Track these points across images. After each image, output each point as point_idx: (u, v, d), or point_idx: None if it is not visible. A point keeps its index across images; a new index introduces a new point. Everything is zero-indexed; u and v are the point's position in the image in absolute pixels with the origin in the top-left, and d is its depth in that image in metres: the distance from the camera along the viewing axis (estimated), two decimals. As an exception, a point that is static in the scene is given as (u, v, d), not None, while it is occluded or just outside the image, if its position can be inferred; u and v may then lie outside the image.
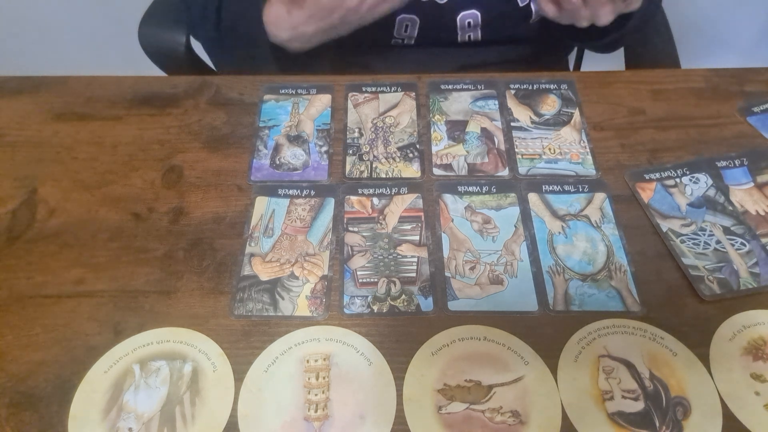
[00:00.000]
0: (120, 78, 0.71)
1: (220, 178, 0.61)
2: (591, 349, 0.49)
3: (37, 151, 0.64)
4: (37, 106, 0.68)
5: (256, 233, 0.57)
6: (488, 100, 0.68)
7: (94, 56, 1.49)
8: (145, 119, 0.67)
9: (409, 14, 0.74)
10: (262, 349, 0.49)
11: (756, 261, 0.54)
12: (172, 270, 0.54)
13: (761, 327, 0.50)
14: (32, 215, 0.59)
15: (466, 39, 0.78)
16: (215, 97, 0.69)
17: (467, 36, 0.78)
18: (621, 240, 0.56)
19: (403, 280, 0.54)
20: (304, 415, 0.46)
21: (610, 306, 0.52)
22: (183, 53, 0.80)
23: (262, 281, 0.54)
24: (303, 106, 0.68)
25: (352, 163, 0.62)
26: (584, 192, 0.59)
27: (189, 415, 0.46)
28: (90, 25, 1.50)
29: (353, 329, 0.51)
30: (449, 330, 0.50)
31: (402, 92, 0.69)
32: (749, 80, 0.69)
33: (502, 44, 0.80)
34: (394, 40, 0.78)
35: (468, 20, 0.76)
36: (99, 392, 0.47)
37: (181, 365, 0.49)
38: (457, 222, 0.57)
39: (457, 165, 0.62)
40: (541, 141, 0.64)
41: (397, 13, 0.74)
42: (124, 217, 0.58)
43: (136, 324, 0.51)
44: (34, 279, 0.54)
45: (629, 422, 0.45)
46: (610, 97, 0.68)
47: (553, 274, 0.54)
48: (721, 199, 0.58)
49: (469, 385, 0.47)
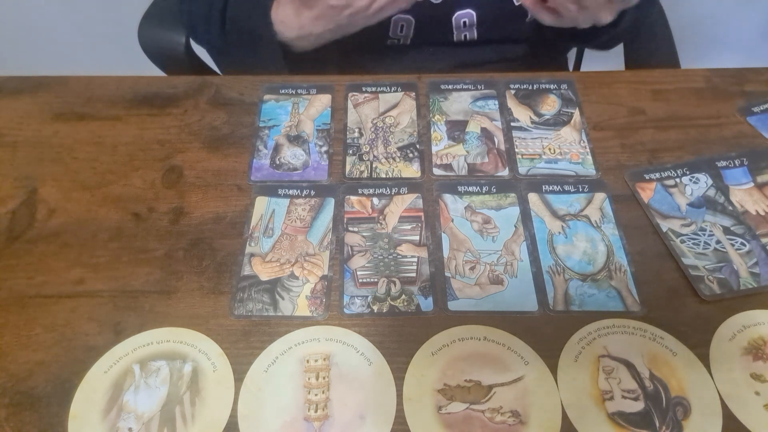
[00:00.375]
0: (120, 78, 0.71)
1: (220, 178, 0.61)
2: (591, 349, 0.49)
3: (37, 151, 0.64)
4: (37, 106, 0.68)
5: (256, 233, 0.57)
6: (488, 100, 0.68)
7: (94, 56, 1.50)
8: (145, 119, 0.67)
9: (404, 14, 0.74)
10: (262, 349, 0.49)
11: (756, 261, 0.54)
12: (172, 270, 0.54)
13: (761, 327, 0.50)
14: (32, 215, 0.59)
15: (462, 38, 0.78)
16: (215, 97, 0.69)
17: (463, 35, 0.78)
18: (621, 240, 0.56)
19: (403, 280, 0.54)
20: (304, 415, 0.46)
21: (610, 306, 0.52)
22: (183, 53, 0.80)
23: (262, 281, 0.54)
24: (303, 106, 0.68)
25: (352, 163, 0.62)
26: (584, 192, 0.59)
27: (189, 415, 0.46)
28: (90, 25, 1.50)
29: (353, 329, 0.51)
30: (449, 330, 0.50)
31: (402, 92, 0.69)
32: (749, 80, 0.69)
33: (499, 43, 0.80)
34: (389, 40, 0.78)
35: (463, 20, 0.76)
36: (99, 392, 0.47)
37: (181, 365, 0.49)
38: (457, 222, 0.57)
39: (457, 165, 0.62)
40: (541, 141, 0.64)
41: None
42: (124, 217, 0.58)
43: (136, 324, 0.51)
44: (34, 279, 0.54)
45: (629, 422, 0.45)
46: (610, 97, 0.68)
47: (553, 274, 0.54)
48: (721, 199, 0.58)
49: (469, 385, 0.47)
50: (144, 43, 0.81)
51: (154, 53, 0.82)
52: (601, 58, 0.85)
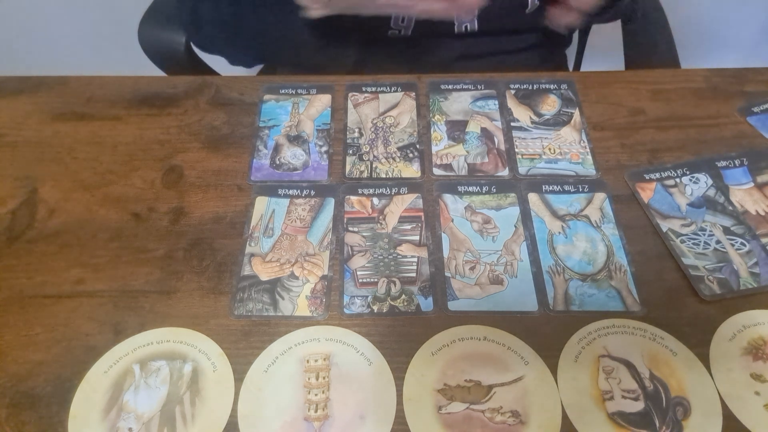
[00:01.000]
0: (120, 78, 0.71)
1: (220, 178, 0.61)
2: (591, 349, 0.49)
3: (37, 151, 0.64)
4: (37, 106, 0.68)
5: (256, 233, 0.57)
6: (488, 100, 0.68)
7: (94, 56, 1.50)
8: (145, 119, 0.67)
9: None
10: (262, 349, 0.49)
11: (756, 261, 0.54)
12: (172, 270, 0.54)
13: (761, 327, 0.50)
14: (32, 215, 0.59)
15: (463, 30, 0.78)
16: (215, 97, 0.69)
17: (464, 26, 0.78)
18: (621, 240, 0.56)
19: (403, 280, 0.54)
20: (304, 415, 0.46)
21: (610, 306, 0.52)
22: (183, 53, 0.80)
23: (262, 281, 0.54)
24: (303, 106, 0.68)
25: (352, 163, 0.62)
26: (584, 192, 0.59)
27: (189, 415, 0.46)
28: (90, 25, 1.50)
29: (353, 329, 0.51)
30: (449, 330, 0.50)
31: (402, 92, 0.69)
32: (749, 80, 0.69)
33: (499, 35, 0.80)
34: (390, 31, 0.78)
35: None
36: (99, 392, 0.47)
37: (181, 365, 0.49)
38: (457, 222, 0.57)
39: (457, 165, 0.62)
40: (541, 141, 0.64)
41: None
42: (124, 217, 0.58)
43: (136, 324, 0.51)
44: (34, 279, 0.54)
45: (629, 422, 0.45)
46: (610, 97, 0.68)
47: (553, 274, 0.54)
48: (721, 199, 0.58)
49: (469, 385, 0.47)
50: (144, 43, 0.81)
51: (154, 53, 0.82)
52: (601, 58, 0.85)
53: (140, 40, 0.81)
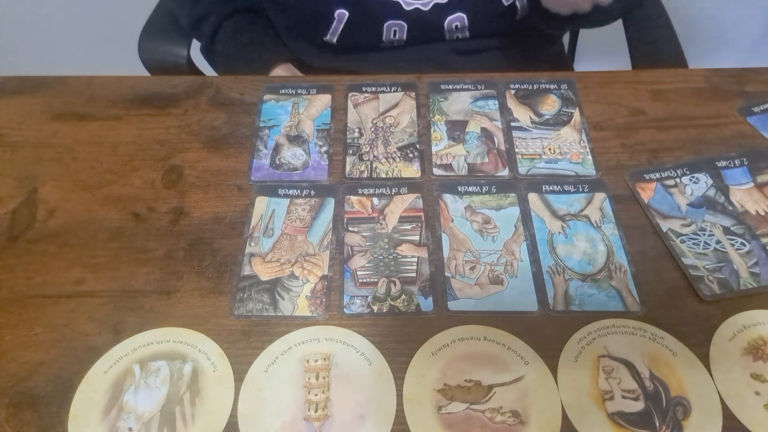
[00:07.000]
0: (120, 78, 0.71)
1: (220, 178, 0.61)
2: (591, 349, 0.49)
3: (37, 151, 0.64)
4: (37, 106, 0.68)
5: (256, 233, 0.57)
6: (488, 100, 0.68)
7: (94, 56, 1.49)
8: (145, 119, 0.67)
9: (396, 20, 0.75)
10: (262, 349, 0.49)
11: (756, 261, 0.54)
12: (172, 270, 0.54)
13: (761, 327, 0.50)
14: (32, 215, 0.59)
15: (455, 39, 0.78)
16: (215, 97, 0.69)
17: (455, 37, 0.78)
18: (621, 240, 0.56)
19: (403, 280, 0.54)
20: (304, 415, 0.46)
21: (610, 306, 0.52)
22: (184, 66, 0.80)
23: (262, 281, 0.54)
24: (303, 106, 0.68)
25: (352, 163, 0.62)
26: (584, 192, 0.59)
27: (189, 415, 0.46)
28: (90, 25, 1.50)
29: (353, 329, 0.51)
30: (449, 330, 0.50)
31: (402, 92, 0.69)
32: (749, 80, 0.69)
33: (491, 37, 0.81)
34: (383, 44, 0.78)
35: (455, 23, 0.76)
36: (99, 392, 0.47)
37: (181, 365, 0.49)
38: (457, 222, 0.57)
39: (457, 165, 0.62)
40: (541, 141, 0.64)
41: (385, 19, 0.74)
42: (124, 217, 0.58)
43: (136, 324, 0.51)
44: (34, 279, 0.54)
45: (629, 422, 0.45)
46: (610, 97, 0.68)
47: (553, 274, 0.54)
48: (721, 199, 0.58)
49: (469, 385, 0.47)
50: (144, 58, 0.81)
51: (155, 68, 0.81)
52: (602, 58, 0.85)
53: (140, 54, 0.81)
